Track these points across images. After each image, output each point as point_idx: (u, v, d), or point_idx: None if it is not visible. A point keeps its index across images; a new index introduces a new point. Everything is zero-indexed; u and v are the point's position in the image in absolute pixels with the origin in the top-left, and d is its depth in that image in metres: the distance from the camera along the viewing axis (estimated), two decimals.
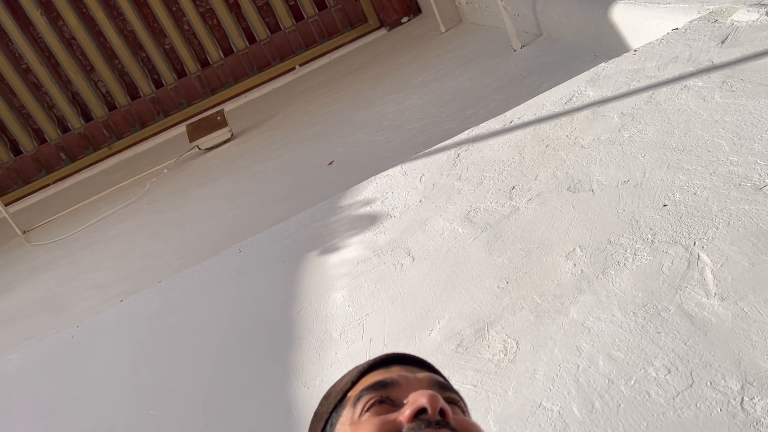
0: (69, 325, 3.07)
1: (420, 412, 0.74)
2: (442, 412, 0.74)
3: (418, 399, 0.75)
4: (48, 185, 7.77)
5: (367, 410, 0.77)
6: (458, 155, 2.82)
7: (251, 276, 2.73)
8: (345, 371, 2.04)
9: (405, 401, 0.77)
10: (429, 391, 0.75)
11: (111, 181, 6.48)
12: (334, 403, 0.84)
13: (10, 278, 4.94)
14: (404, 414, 0.74)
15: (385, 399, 0.78)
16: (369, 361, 0.86)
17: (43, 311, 3.95)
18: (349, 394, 0.82)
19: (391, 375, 0.82)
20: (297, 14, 7.93)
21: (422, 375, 0.83)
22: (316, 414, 0.87)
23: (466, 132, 2.98)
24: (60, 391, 2.62)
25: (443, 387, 0.82)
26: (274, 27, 7.95)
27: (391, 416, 0.75)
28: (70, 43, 7.75)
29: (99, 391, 2.50)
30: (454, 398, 0.81)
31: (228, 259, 2.91)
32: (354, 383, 0.84)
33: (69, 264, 4.61)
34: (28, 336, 3.61)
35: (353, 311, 2.19)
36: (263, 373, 2.14)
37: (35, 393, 2.71)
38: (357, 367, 0.87)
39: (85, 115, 7.93)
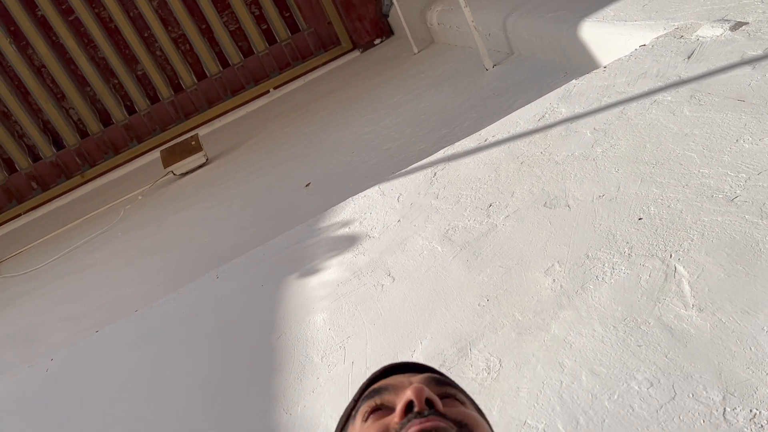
0: (43, 359, 2.99)
1: (409, 408, 0.75)
2: (431, 403, 0.75)
3: (404, 394, 0.77)
4: (19, 215, 7.63)
5: (366, 420, 0.80)
6: (435, 174, 2.83)
7: (230, 302, 2.70)
8: (327, 396, 2.02)
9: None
10: (415, 385, 0.77)
11: (84, 210, 6.38)
12: (343, 422, 0.87)
13: None
14: (396, 416, 0.76)
15: (380, 406, 0.81)
16: (371, 375, 0.89)
17: (16, 345, 3.85)
18: (356, 407, 0.85)
19: (385, 381, 0.85)
20: (270, 38, 7.94)
21: (418, 377, 0.85)
22: None
23: (441, 151, 3.00)
24: (35, 428, 2.55)
25: (440, 383, 0.84)
26: (247, 51, 7.96)
27: (386, 419, 0.78)
28: (40, 71, 7.66)
29: (76, 426, 2.43)
30: (451, 392, 0.83)
31: (205, 286, 2.88)
32: (357, 399, 0.86)
33: (42, 295, 4.51)
34: (1, 371, 3.51)
35: (334, 334, 2.17)
36: (244, 401, 2.11)
37: (9, 430, 2.63)
38: (362, 384, 0.90)
39: (57, 143, 7.82)
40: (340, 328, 2.18)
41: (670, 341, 1.51)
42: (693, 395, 1.37)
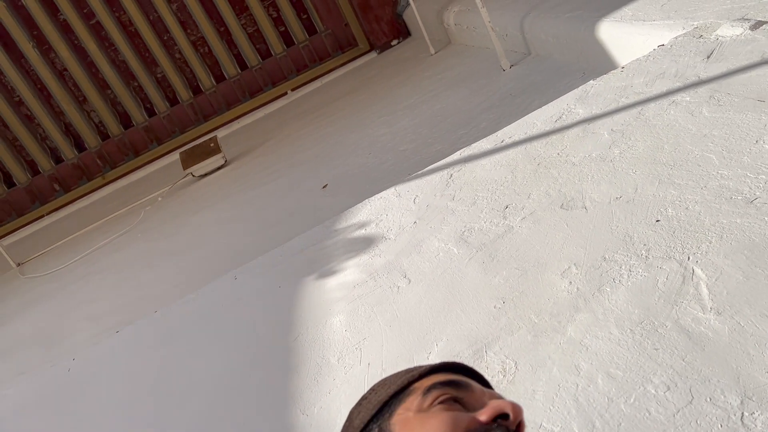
0: (65, 358, 3.04)
1: (499, 417, 0.77)
2: (518, 425, 0.78)
3: (501, 404, 0.78)
4: (42, 216, 7.75)
5: (438, 404, 0.80)
6: (451, 176, 2.83)
7: (247, 303, 2.72)
8: (343, 397, 2.03)
9: (477, 406, 0.80)
10: (513, 402, 0.79)
11: (105, 211, 6.47)
12: (395, 389, 0.85)
13: (4, 311, 4.90)
14: (484, 414, 0.77)
15: (457, 399, 0.81)
16: (437, 363, 0.89)
17: (39, 344, 3.91)
18: (415, 385, 0.84)
19: (465, 379, 0.85)
20: (287, 40, 7.99)
21: (492, 390, 0.86)
22: (366, 399, 0.88)
23: (458, 152, 3.00)
24: (56, 426, 2.59)
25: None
26: (265, 53, 8.01)
27: (467, 414, 0.78)
28: (62, 74, 7.78)
29: (96, 424, 2.47)
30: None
31: (224, 287, 2.90)
32: (421, 377, 0.86)
33: (64, 295, 4.58)
34: (24, 370, 3.57)
35: (351, 336, 2.19)
36: (261, 401, 2.13)
37: (31, 428, 2.68)
38: (421, 366, 0.90)
39: (79, 145, 7.94)
40: (357, 329, 2.20)
41: (687, 344, 1.50)
42: (710, 399, 1.36)
